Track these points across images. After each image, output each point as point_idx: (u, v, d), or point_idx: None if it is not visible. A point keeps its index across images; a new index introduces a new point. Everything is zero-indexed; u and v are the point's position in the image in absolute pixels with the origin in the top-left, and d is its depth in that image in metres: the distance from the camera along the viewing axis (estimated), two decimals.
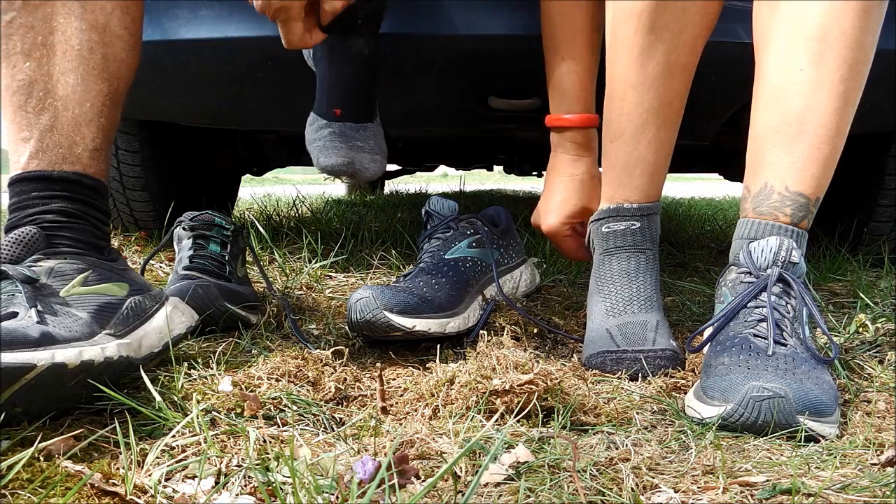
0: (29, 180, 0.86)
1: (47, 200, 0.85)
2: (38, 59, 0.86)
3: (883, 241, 1.78)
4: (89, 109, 0.89)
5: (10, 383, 0.64)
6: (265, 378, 0.84)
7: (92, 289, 0.83)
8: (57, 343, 0.70)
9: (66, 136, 0.87)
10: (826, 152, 0.94)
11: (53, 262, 0.82)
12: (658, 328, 1.02)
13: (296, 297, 1.32)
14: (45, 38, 0.87)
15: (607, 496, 0.62)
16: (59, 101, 0.87)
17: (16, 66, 0.86)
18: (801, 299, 0.89)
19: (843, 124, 0.95)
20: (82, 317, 0.78)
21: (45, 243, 0.83)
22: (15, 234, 0.82)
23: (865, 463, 0.70)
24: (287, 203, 2.73)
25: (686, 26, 1.01)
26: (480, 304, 1.15)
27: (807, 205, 0.95)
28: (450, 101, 1.49)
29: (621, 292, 1.07)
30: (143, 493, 0.60)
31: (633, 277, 1.07)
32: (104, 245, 0.90)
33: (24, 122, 0.86)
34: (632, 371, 0.97)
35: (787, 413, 0.75)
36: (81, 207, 0.87)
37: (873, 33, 0.93)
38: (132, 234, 1.85)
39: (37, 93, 0.86)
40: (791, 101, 0.94)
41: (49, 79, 0.87)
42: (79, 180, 0.87)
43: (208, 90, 1.46)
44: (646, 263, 1.08)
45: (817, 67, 0.92)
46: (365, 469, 0.60)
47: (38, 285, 0.78)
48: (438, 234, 1.20)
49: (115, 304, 0.84)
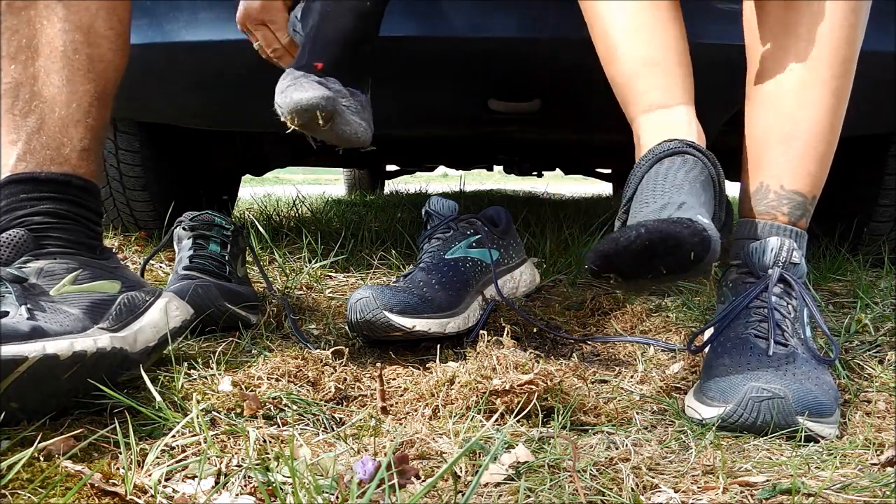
0: (17, 182, 0.85)
1: (35, 202, 0.85)
2: (23, 62, 0.86)
3: (883, 241, 1.78)
4: (76, 110, 0.88)
5: (2, 377, 0.64)
6: (265, 378, 0.84)
7: (83, 287, 0.83)
8: (48, 335, 0.70)
9: (53, 137, 0.87)
10: (821, 150, 0.95)
11: (43, 263, 0.82)
12: (683, 208, 0.81)
13: (296, 297, 1.32)
14: (28, 40, 0.87)
15: (607, 496, 0.62)
16: (46, 103, 0.87)
17: (1, 69, 0.86)
18: (801, 300, 0.90)
19: (835, 121, 0.95)
20: (74, 313, 0.78)
21: (34, 245, 0.83)
22: (3, 237, 0.82)
23: (865, 463, 0.70)
24: (287, 203, 2.73)
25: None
26: (480, 305, 1.15)
27: (804, 203, 0.95)
28: (449, 104, 1.49)
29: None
30: (143, 493, 0.60)
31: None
32: (96, 244, 0.90)
33: (11, 125, 0.86)
34: (633, 237, 0.77)
35: (786, 414, 0.75)
36: (71, 208, 0.87)
37: (860, 30, 0.94)
38: (132, 234, 1.85)
39: (23, 95, 0.86)
40: (783, 100, 0.94)
41: (35, 81, 0.87)
42: (67, 181, 0.87)
43: (207, 92, 1.46)
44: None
45: (808, 66, 0.93)
46: (365, 469, 0.60)
47: (27, 285, 0.78)
48: (438, 235, 1.20)
49: (108, 301, 0.84)
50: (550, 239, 1.73)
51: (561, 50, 1.24)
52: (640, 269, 0.79)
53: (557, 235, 1.79)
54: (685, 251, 0.76)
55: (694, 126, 0.91)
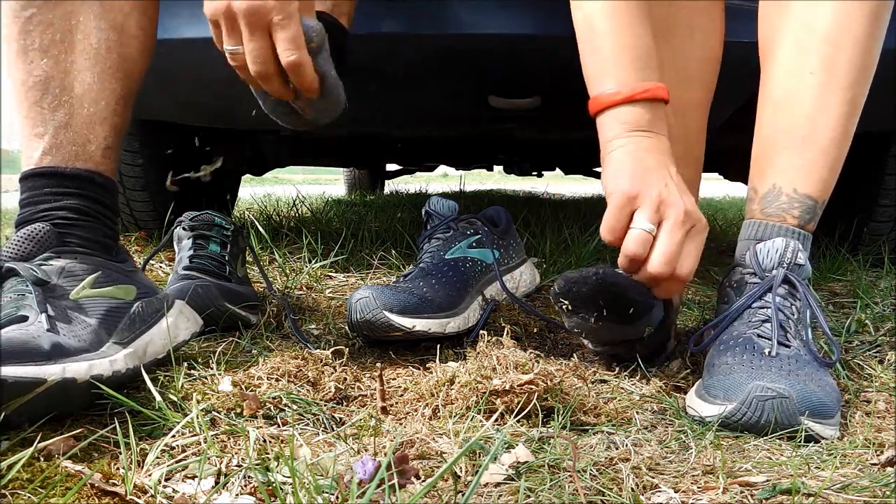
0: (41, 176, 0.86)
1: (59, 197, 0.85)
2: (55, 56, 0.87)
3: (883, 241, 1.78)
4: (104, 108, 0.89)
5: (18, 396, 0.64)
6: (265, 378, 0.84)
7: (100, 291, 0.83)
8: (67, 355, 0.70)
9: (80, 133, 0.87)
10: (833, 155, 0.95)
11: (64, 262, 0.82)
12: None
13: (296, 297, 1.32)
14: (63, 35, 0.87)
15: (607, 496, 0.62)
16: (75, 99, 0.87)
17: (33, 61, 0.86)
18: (805, 301, 0.90)
19: (850, 128, 0.95)
20: (91, 323, 0.79)
21: (57, 241, 0.83)
22: (26, 231, 0.82)
23: (865, 463, 0.70)
24: (287, 203, 2.73)
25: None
26: (480, 305, 1.15)
27: (814, 207, 0.95)
28: (450, 101, 1.49)
29: None
30: (143, 493, 0.60)
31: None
32: (113, 245, 0.90)
33: (38, 118, 0.86)
34: (594, 273, 0.90)
35: (789, 414, 0.75)
36: (93, 205, 0.88)
37: (880, 38, 0.94)
38: (132, 234, 1.85)
39: (53, 89, 0.86)
40: (801, 104, 0.94)
41: (66, 76, 0.87)
42: (91, 178, 0.88)
43: (208, 89, 1.45)
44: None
45: (827, 71, 0.92)
46: (365, 469, 0.60)
47: (49, 286, 0.78)
48: (438, 235, 1.20)
49: (122, 309, 0.84)
50: (550, 239, 1.73)
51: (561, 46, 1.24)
52: (589, 303, 0.90)
53: (557, 235, 1.79)
54: (627, 302, 0.89)
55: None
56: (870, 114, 0.99)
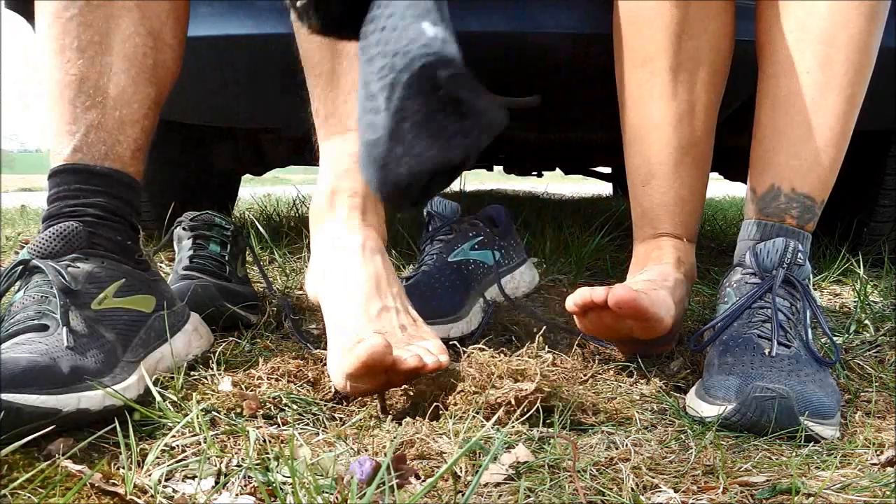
0: (71, 172, 0.86)
1: (88, 194, 0.86)
2: (90, 57, 0.87)
3: (883, 241, 1.78)
4: (136, 111, 0.90)
5: (31, 423, 0.64)
6: (265, 378, 0.84)
7: (121, 301, 0.83)
8: (84, 380, 0.71)
9: (111, 133, 0.88)
10: (832, 154, 0.95)
11: (91, 266, 0.82)
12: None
13: (296, 297, 1.32)
14: (101, 36, 0.87)
15: (607, 496, 0.62)
16: (109, 100, 0.88)
17: (69, 60, 0.87)
18: (805, 301, 0.90)
19: (848, 127, 0.95)
20: (109, 339, 0.79)
21: (86, 241, 0.83)
22: (57, 229, 0.82)
23: (865, 463, 0.70)
24: (287, 203, 2.73)
25: (702, 64, 1.01)
26: (481, 306, 1.15)
27: (813, 207, 0.95)
28: None
29: None
30: (143, 493, 0.60)
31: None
32: (136, 248, 0.90)
33: (71, 117, 0.87)
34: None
35: (790, 414, 0.75)
36: (120, 205, 0.88)
37: (878, 36, 0.94)
38: None
39: (87, 89, 0.87)
40: (798, 103, 0.94)
41: (100, 77, 0.88)
42: (119, 178, 0.88)
43: (208, 88, 1.45)
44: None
45: (825, 70, 0.92)
46: (362, 469, 0.60)
47: (73, 292, 0.78)
48: (440, 237, 1.19)
49: (140, 322, 0.85)
50: (550, 239, 1.72)
51: (561, 45, 1.24)
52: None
53: (557, 235, 1.79)
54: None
55: None
56: (869, 113, 0.99)
